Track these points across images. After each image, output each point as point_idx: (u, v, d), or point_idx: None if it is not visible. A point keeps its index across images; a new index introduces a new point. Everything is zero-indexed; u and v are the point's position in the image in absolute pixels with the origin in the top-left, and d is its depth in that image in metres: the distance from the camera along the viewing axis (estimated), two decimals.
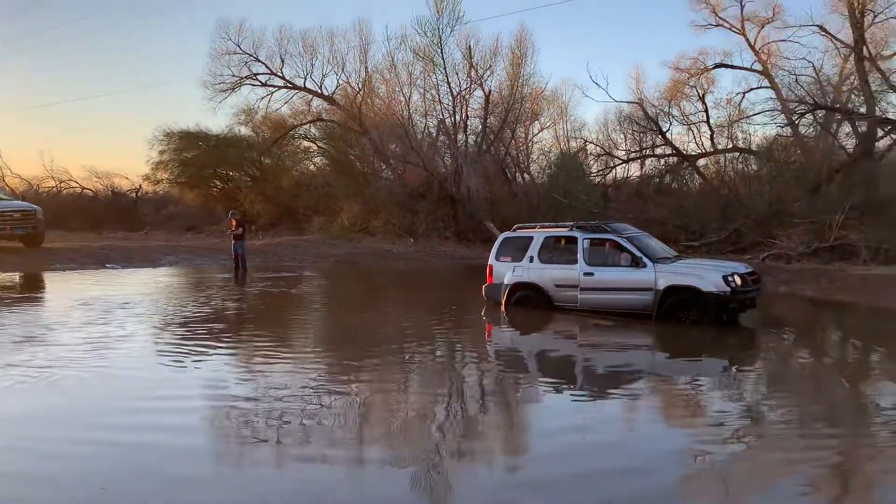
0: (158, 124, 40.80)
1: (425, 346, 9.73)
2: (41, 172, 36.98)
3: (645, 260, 10.80)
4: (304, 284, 16.87)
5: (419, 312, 12.82)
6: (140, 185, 37.69)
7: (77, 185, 37.56)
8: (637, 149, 32.16)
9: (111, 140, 67.36)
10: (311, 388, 7.02)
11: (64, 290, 15.38)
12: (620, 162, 32.29)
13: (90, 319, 10.90)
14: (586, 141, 32.89)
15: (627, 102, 31.66)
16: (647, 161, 31.93)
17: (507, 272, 11.88)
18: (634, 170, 32.73)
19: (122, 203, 37.50)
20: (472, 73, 28.49)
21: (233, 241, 18.27)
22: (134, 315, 11.36)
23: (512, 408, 6.79)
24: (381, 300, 15.36)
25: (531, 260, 11.69)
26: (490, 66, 28.77)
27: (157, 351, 8.91)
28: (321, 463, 5.07)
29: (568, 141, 32.77)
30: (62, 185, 37.29)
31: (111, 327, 10.21)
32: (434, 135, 29.98)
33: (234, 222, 18.47)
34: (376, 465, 5.09)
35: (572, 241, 11.49)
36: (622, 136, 33.14)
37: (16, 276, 17.02)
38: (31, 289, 15.62)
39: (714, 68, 28.25)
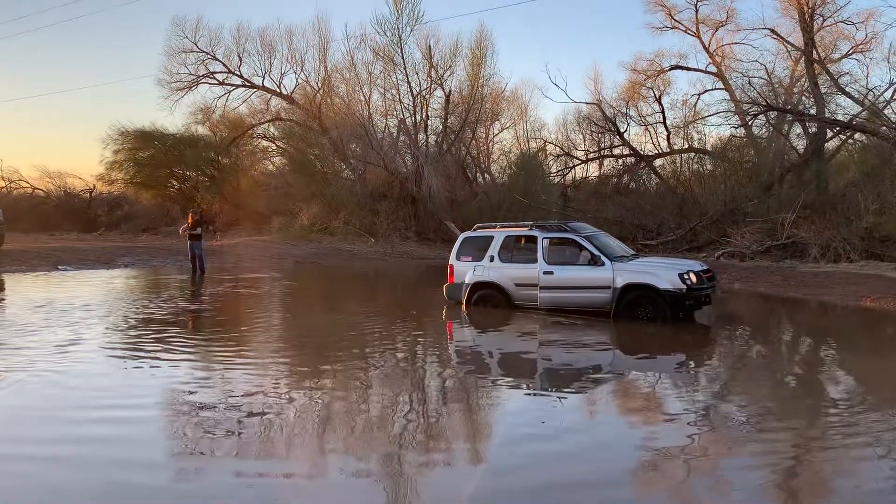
0: (113, 123, 39.79)
1: (386, 346, 9.69)
2: None
3: (603, 258, 10.94)
4: (263, 286, 16.67)
5: (380, 313, 12.77)
6: (94, 186, 36.90)
7: (28, 186, 36.61)
8: (595, 149, 32.65)
9: (63, 140, 65.77)
10: (269, 393, 6.94)
11: (16, 293, 14.93)
12: (579, 162, 32.73)
13: (43, 323, 10.61)
14: (546, 141, 33.28)
15: (586, 103, 32.17)
16: (606, 161, 32.44)
17: (467, 272, 11.92)
18: (593, 170, 33.26)
19: (76, 204, 36.62)
20: (433, 73, 28.54)
21: (189, 241, 17.72)
22: (89, 318, 11.09)
23: (472, 409, 6.80)
24: (341, 301, 15.26)
25: (491, 259, 11.74)
26: (450, 65, 28.88)
27: (111, 355, 8.70)
28: (278, 473, 5.01)
29: (528, 141, 33.10)
30: (12, 185, 36.28)
31: (65, 331, 9.95)
32: (395, 134, 29.94)
33: (190, 219, 17.88)
34: (334, 473, 5.04)
35: (532, 240, 11.57)
36: (581, 137, 33.64)
37: None
38: None
39: (670, 70, 28.81)
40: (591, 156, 32.61)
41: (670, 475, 4.89)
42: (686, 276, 10.54)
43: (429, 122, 29.13)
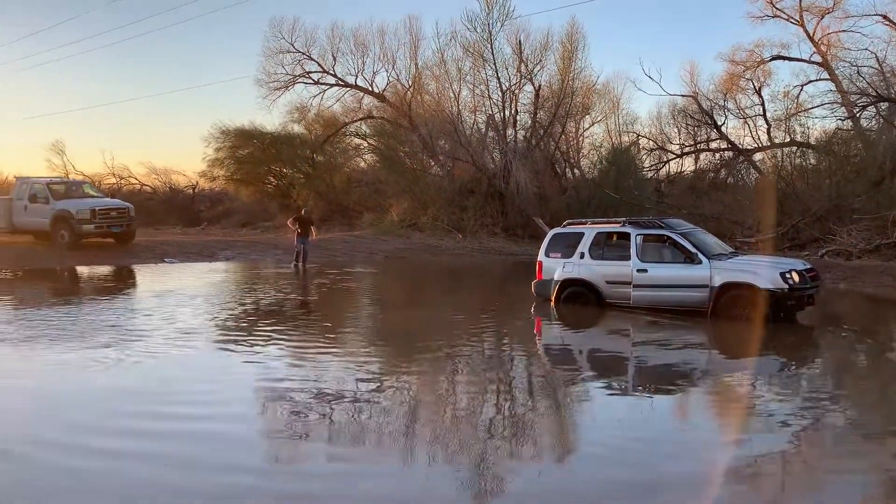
0: (215, 122, 41.77)
1: (473, 342, 9.76)
2: (102, 169, 38.18)
3: (700, 256, 10.64)
4: (355, 280, 17.08)
5: (468, 308, 12.86)
6: (197, 182, 38.59)
7: (136, 182, 38.68)
8: (691, 143, 31.64)
9: (169, 138, 69.18)
10: (359, 383, 7.13)
11: (135, 282, 15.92)
12: (674, 156, 31.80)
13: (160, 310, 11.28)
14: (639, 135, 32.47)
15: (681, 96, 31.19)
16: (702, 155, 31.41)
17: (557, 268, 11.83)
18: (688, 164, 32.22)
19: (180, 199, 38.44)
20: (522, 68, 28.36)
21: (297, 238, 18.54)
22: (197, 306, 11.72)
23: (560, 407, 6.77)
24: (429, 296, 15.46)
25: (582, 256, 11.61)
26: (540, 60, 28.61)
27: (216, 342, 9.16)
28: (366, 459, 5.17)
29: (620, 135, 32.37)
30: (122, 181, 38.43)
31: (178, 318, 10.55)
32: (483, 130, 29.95)
33: (296, 218, 18.86)
34: (422, 462, 5.16)
35: (625, 236, 11.37)
36: (676, 131, 32.65)
37: (86, 271, 17.69)
38: (104, 282, 16.21)
39: (771, 60, 27.55)
40: (687, 150, 31.62)
41: (763, 482, 4.73)
42: (788, 276, 10.11)
43: (517, 118, 29.01)
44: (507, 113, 28.64)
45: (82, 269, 17.89)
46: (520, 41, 28.17)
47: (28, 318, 10.69)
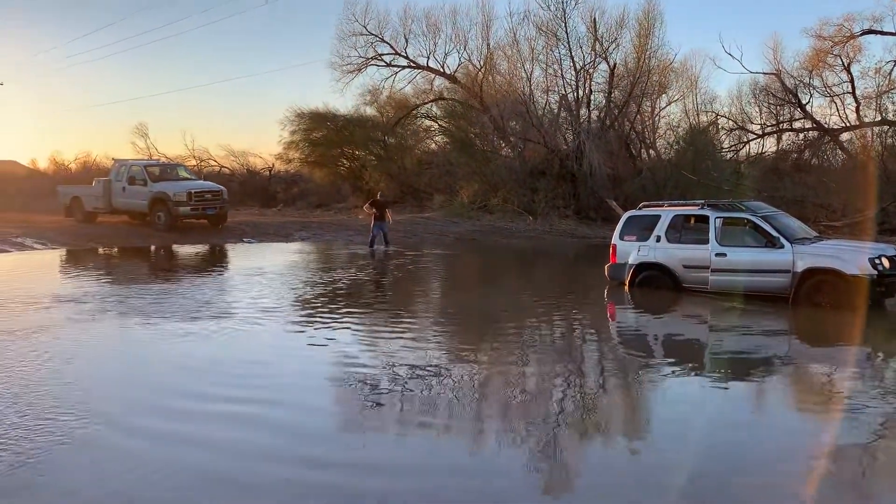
0: (290, 105, 42.59)
1: (544, 325, 9.73)
2: (183, 152, 39.46)
3: (782, 240, 10.27)
4: (426, 262, 17.22)
5: (538, 291, 12.81)
6: (273, 164, 39.51)
7: (216, 164, 39.85)
8: (773, 122, 30.41)
9: (247, 121, 71.02)
10: (430, 362, 7.23)
11: (216, 261, 16.54)
12: (755, 136, 30.64)
13: (244, 287, 11.71)
14: (718, 115, 31.39)
15: (764, 73, 29.97)
16: (785, 136, 30.15)
17: (631, 252, 11.62)
18: (770, 145, 31.00)
19: (257, 181, 39.43)
20: (597, 47, 27.80)
21: (373, 221, 18.60)
22: (275, 284, 12.09)
23: (633, 393, 6.69)
24: (500, 279, 15.46)
25: (658, 239, 11.36)
26: (615, 38, 27.97)
27: (292, 320, 9.44)
28: (439, 434, 5.25)
29: (698, 115, 31.39)
30: (202, 163, 39.68)
31: (256, 295, 10.93)
32: (556, 111, 29.57)
33: (373, 201, 18.95)
34: (491, 443, 5.20)
35: (703, 219, 11.07)
36: (757, 110, 31.42)
37: (173, 250, 18.47)
38: (189, 260, 16.90)
39: (861, 35, 26.07)
40: (769, 130, 30.41)
41: (844, 474, 4.57)
42: (878, 261, 9.65)
43: (591, 97, 28.47)
44: (580, 92, 28.17)
45: (170, 248, 18.66)
46: (594, 19, 27.62)
47: (123, 294, 11.24)
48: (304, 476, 4.46)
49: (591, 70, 28.08)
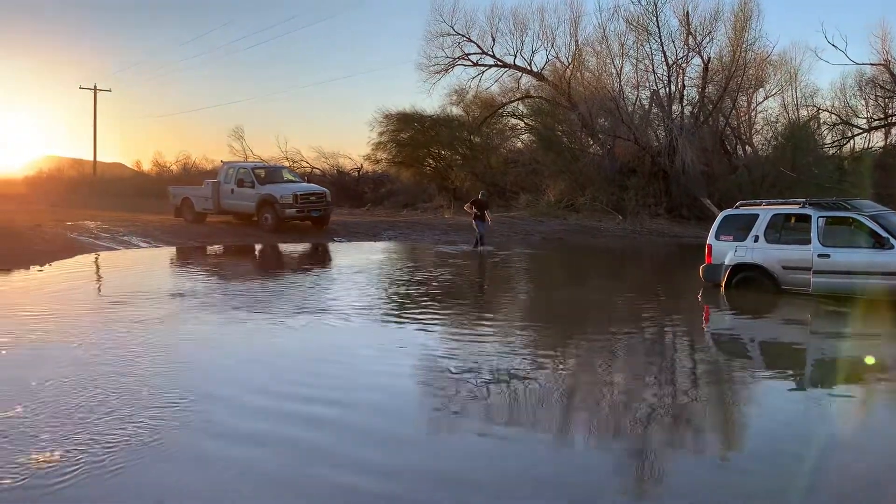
0: (378, 107, 43.48)
1: (635, 327, 9.49)
2: (277, 153, 40.79)
3: (892, 241, 9.66)
4: (513, 261, 17.13)
5: (629, 292, 12.52)
6: (361, 165, 40.32)
7: (307, 165, 40.99)
8: (881, 116, 28.68)
9: (337, 122, 72.87)
10: (516, 362, 7.17)
11: (312, 259, 17.04)
12: (860, 131, 28.98)
13: (340, 285, 12.04)
14: (819, 109, 29.85)
15: (870, 64, 28.31)
16: (894, 130, 28.35)
17: (728, 252, 11.18)
18: (877, 140, 29.26)
19: (346, 181, 40.34)
20: (690, 41, 26.96)
21: (474, 220, 18.34)
22: (366, 282, 12.38)
23: (727, 400, 6.40)
24: (588, 278, 15.21)
25: (756, 239, 10.89)
26: (709, 31, 27.05)
27: (382, 318, 9.58)
28: (520, 439, 5.18)
29: (798, 109, 29.94)
30: (294, 164, 40.90)
31: (353, 291, 11.21)
32: (646, 107, 28.86)
33: (475, 202, 18.55)
34: (579, 445, 5.10)
35: (804, 219, 10.54)
36: (863, 103, 29.70)
37: (273, 249, 19.14)
38: (287, 259, 17.49)
39: None
40: (876, 123, 28.68)
41: None
42: None
43: (684, 93, 27.65)
44: (672, 88, 27.42)
45: (267, 248, 19.32)
46: (687, 12, 26.80)
47: (224, 289, 11.72)
48: (360, 483, 4.35)
49: (683, 65, 27.31)
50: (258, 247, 19.41)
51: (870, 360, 7.25)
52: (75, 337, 8.03)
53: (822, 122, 29.57)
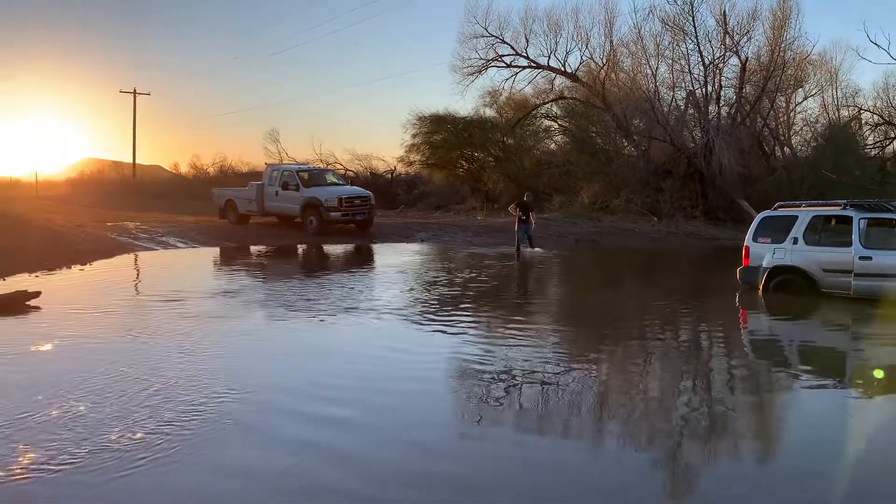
0: (412, 109, 43.69)
1: (671, 330, 9.40)
2: (311, 155, 41.13)
3: None
4: (547, 263, 17.03)
5: (665, 294, 12.38)
6: (395, 167, 40.48)
7: (341, 167, 41.28)
8: None
9: (370, 125, 73.39)
10: (549, 365, 7.15)
11: (352, 261, 17.20)
12: None
13: (379, 285, 12.27)
14: (861, 109, 29.19)
15: None
16: None
17: (766, 254, 11.00)
18: None
19: (380, 183, 40.45)
20: (727, 40, 26.52)
21: (517, 224, 17.95)
22: (404, 284, 12.50)
23: (766, 404, 6.31)
24: (623, 281, 15.09)
25: (795, 241, 10.70)
26: (747, 31, 26.57)
27: (413, 313, 9.61)
28: (552, 445, 5.16)
29: (838, 109, 29.32)
30: (329, 166, 41.20)
31: (388, 293, 11.33)
32: (682, 108, 28.50)
33: (520, 205, 18.18)
34: (612, 447, 5.08)
35: (845, 220, 10.33)
36: None
37: (312, 251, 19.35)
38: (327, 260, 17.67)
39: None
40: None
41: None
42: None
43: (721, 93, 27.21)
44: (709, 88, 27.01)
45: (305, 249, 19.50)
46: (724, 12, 26.37)
47: (271, 289, 11.89)
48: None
49: (720, 65, 26.86)
50: (297, 247, 19.59)
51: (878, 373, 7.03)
52: (136, 332, 8.35)
53: (863, 122, 28.96)
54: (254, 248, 19.07)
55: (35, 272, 12.84)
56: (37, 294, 10.06)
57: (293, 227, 21.90)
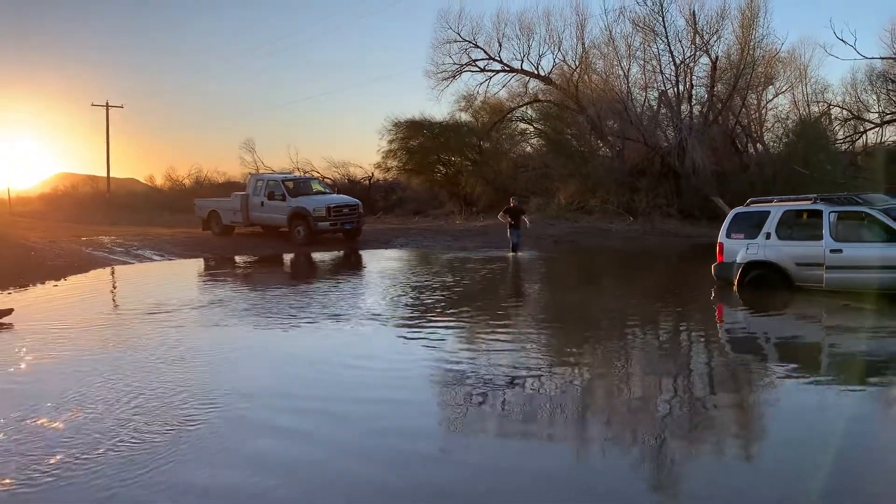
0: (387, 115, 43.59)
1: (649, 327, 9.47)
2: (288, 164, 40.92)
3: None
4: (526, 265, 17.09)
5: (642, 293, 12.48)
6: (372, 174, 40.38)
7: (318, 175, 41.12)
8: (893, 110, 28.44)
9: (346, 132, 73.24)
10: (531, 368, 7.18)
11: (331, 269, 17.12)
12: (872, 126, 28.79)
13: (365, 292, 12.11)
14: (830, 104, 29.72)
15: (881, 59, 28.12)
16: None
17: (739, 250, 11.13)
18: (890, 134, 29.02)
19: (357, 190, 40.25)
20: (697, 40, 26.84)
21: (508, 228, 17.97)
22: (385, 289, 12.44)
23: (744, 399, 6.38)
24: (600, 280, 15.17)
25: (767, 236, 10.83)
26: (717, 30, 26.90)
27: (400, 318, 9.60)
28: (540, 440, 5.19)
29: (808, 106, 29.79)
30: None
31: (368, 299, 11.24)
32: (655, 107, 28.77)
33: (508, 210, 18.10)
34: (596, 445, 5.11)
35: (816, 214, 10.48)
36: (875, 97, 29.51)
37: (289, 259, 19.24)
38: (307, 268, 17.57)
39: None
40: (888, 118, 28.48)
41: None
42: None
43: (693, 92, 27.52)
44: (681, 88, 27.29)
45: (280, 258, 19.41)
46: (693, 11, 26.69)
47: (256, 299, 11.80)
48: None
49: (691, 64, 27.18)
50: (282, 256, 19.47)
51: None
52: (116, 344, 8.17)
53: (833, 117, 29.41)
54: (236, 259, 18.93)
55: (7, 289, 12.65)
56: (9, 311, 9.92)
57: (279, 238, 21.65)
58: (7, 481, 4.49)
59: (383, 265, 17.10)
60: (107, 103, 41.93)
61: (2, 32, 76.47)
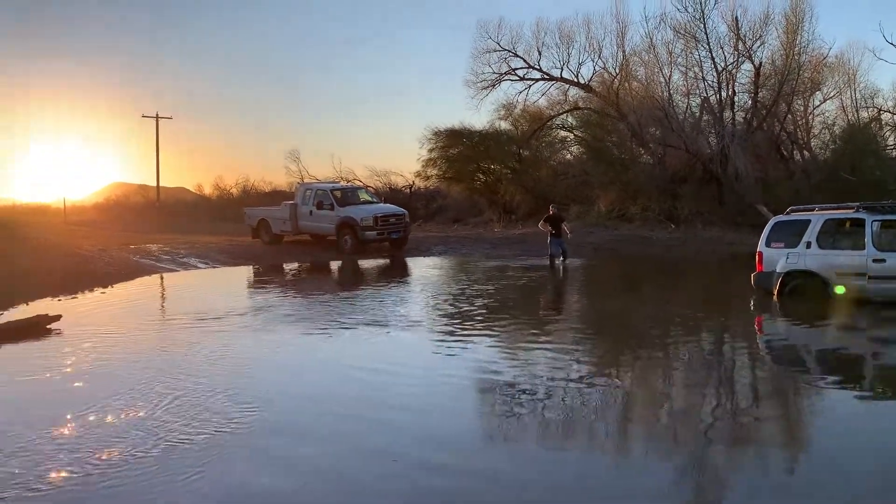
0: (427, 123, 43.97)
1: (689, 337, 9.43)
2: (332, 173, 41.49)
3: None
4: (563, 274, 17.07)
5: (681, 302, 12.42)
6: (413, 182, 40.70)
7: (361, 184, 41.60)
8: None
9: (388, 140, 74.00)
10: (571, 376, 7.23)
11: (373, 276, 17.41)
12: None
13: (404, 299, 12.38)
14: (880, 110, 28.94)
15: None
16: None
17: (779, 259, 10.98)
18: None
19: (399, 198, 40.58)
20: (740, 46, 26.49)
21: (549, 238, 17.80)
22: (424, 296, 12.69)
23: (786, 410, 6.35)
24: (642, 289, 15.10)
25: (808, 245, 10.68)
26: (760, 36, 26.51)
27: (434, 327, 9.74)
28: (576, 456, 5.25)
29: (857, 111, 29.10)
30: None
31: (409, 305, 11.44)
32: (697, 114, 28.46)
33: (548, 219, 18.00)
34: (638, 455, 5.15)
35: (858, 223, 10.31)
36: None
37: (335, 266, 19.59)
38: (353, 275, 17.88)
39: None
40: None
41: None
42: None
43: (735, 99, 27.16)
44: (723, 94, 26.96)
45: (325, 266, 19.71)
46: (736, 17, 26.36)
47: (298, 304, 12.09)
48: None
49: (734, 70, 26.82)
50: (329, 264, 19.78)
51: None
52: (158, 348, 8.55)
53: (883, 123, 28.68)
54: (282, 266, 19.32)
55: (58, 296, 13.16)
56: (57, 317, 10.33)
57: (327, 246, 21.84)
58: (63, 474, 4.77)
59: (424, 273, 17.28)
60: (156, 115, 43.14)
61: (57, 49, 79.27)
